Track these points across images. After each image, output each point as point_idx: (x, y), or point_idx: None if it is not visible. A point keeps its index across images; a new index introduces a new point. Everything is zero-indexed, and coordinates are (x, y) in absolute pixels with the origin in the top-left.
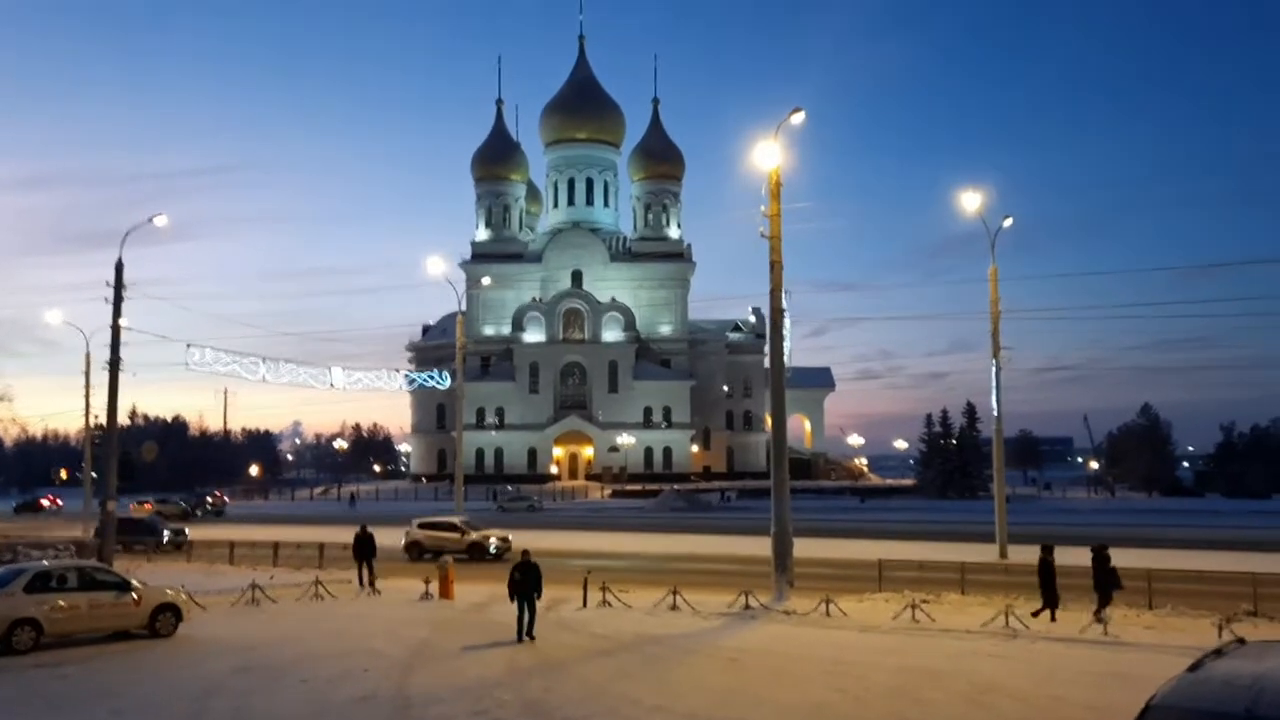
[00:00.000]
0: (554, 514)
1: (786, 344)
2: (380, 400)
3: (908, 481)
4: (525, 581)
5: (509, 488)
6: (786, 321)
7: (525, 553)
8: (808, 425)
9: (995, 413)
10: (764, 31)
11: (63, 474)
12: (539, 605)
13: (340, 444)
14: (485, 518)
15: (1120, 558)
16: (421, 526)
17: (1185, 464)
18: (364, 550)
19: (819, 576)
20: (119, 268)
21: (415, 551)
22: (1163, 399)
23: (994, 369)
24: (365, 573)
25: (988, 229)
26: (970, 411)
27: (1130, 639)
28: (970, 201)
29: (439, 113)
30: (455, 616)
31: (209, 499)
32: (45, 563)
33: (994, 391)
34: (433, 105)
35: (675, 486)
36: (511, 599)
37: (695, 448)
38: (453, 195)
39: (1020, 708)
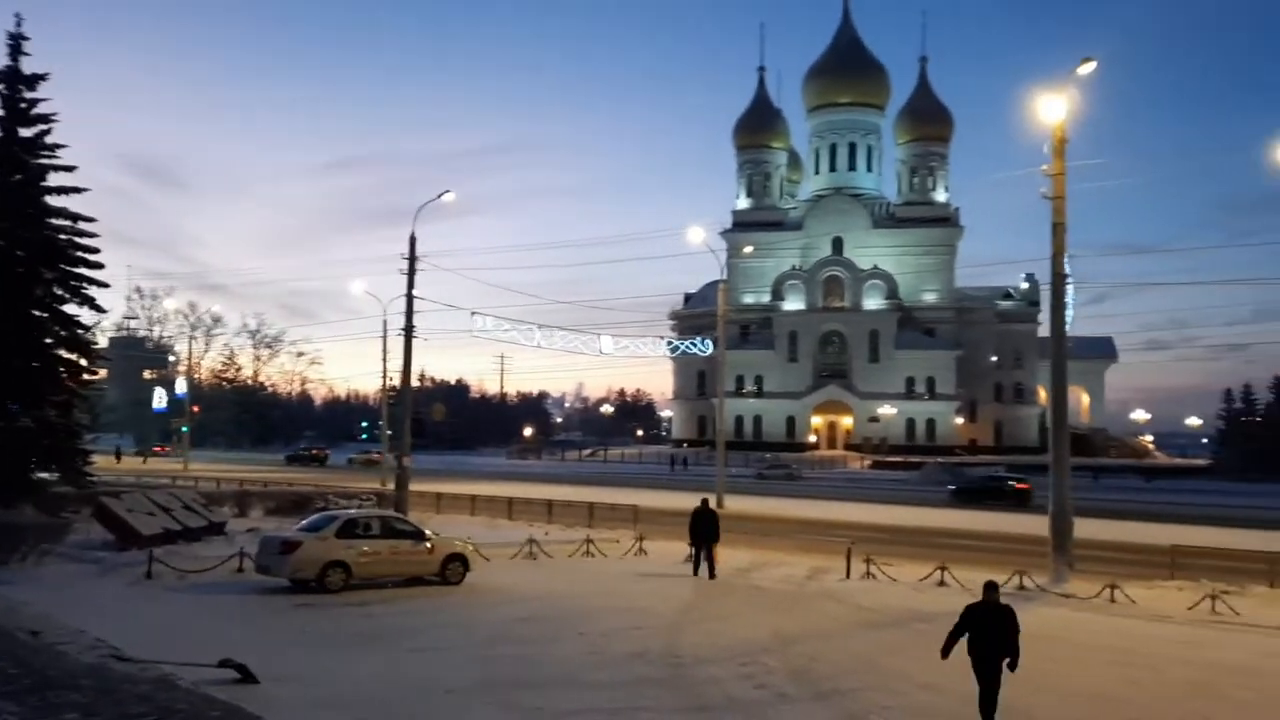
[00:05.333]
0: (812, 483)
1: (1068, 312)
2: (644, 366)
3: (1200, 461)
4: None
5: (767, 455)
6: (1069, 288)
7: None
8: (1086, 399)
9: None
10: None
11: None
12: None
13: (606, 409)
14: (744, 484)
15: None
16: None
17: None
18: (703, 530)
19: (1100, 560)
20: (412, 241)
21: None
22: None
23: None
24: (702, 557)
25: None
26: (1278, 386)
27: None
28: None
29: (700, 84)
30: (718, 581)
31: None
32: (352, 511)
33: None
34: (694, 76)
35: (939, 460)
36: None
37: (960, 420)
38: (713, 164)
39: None
